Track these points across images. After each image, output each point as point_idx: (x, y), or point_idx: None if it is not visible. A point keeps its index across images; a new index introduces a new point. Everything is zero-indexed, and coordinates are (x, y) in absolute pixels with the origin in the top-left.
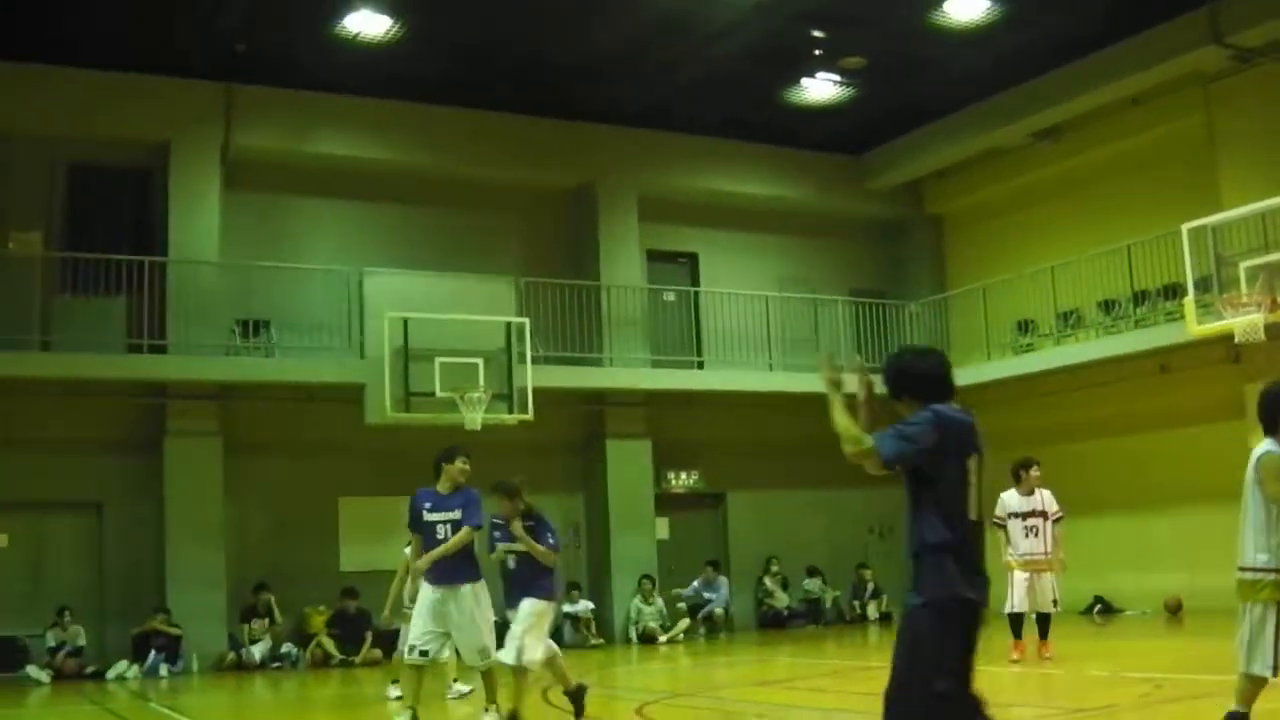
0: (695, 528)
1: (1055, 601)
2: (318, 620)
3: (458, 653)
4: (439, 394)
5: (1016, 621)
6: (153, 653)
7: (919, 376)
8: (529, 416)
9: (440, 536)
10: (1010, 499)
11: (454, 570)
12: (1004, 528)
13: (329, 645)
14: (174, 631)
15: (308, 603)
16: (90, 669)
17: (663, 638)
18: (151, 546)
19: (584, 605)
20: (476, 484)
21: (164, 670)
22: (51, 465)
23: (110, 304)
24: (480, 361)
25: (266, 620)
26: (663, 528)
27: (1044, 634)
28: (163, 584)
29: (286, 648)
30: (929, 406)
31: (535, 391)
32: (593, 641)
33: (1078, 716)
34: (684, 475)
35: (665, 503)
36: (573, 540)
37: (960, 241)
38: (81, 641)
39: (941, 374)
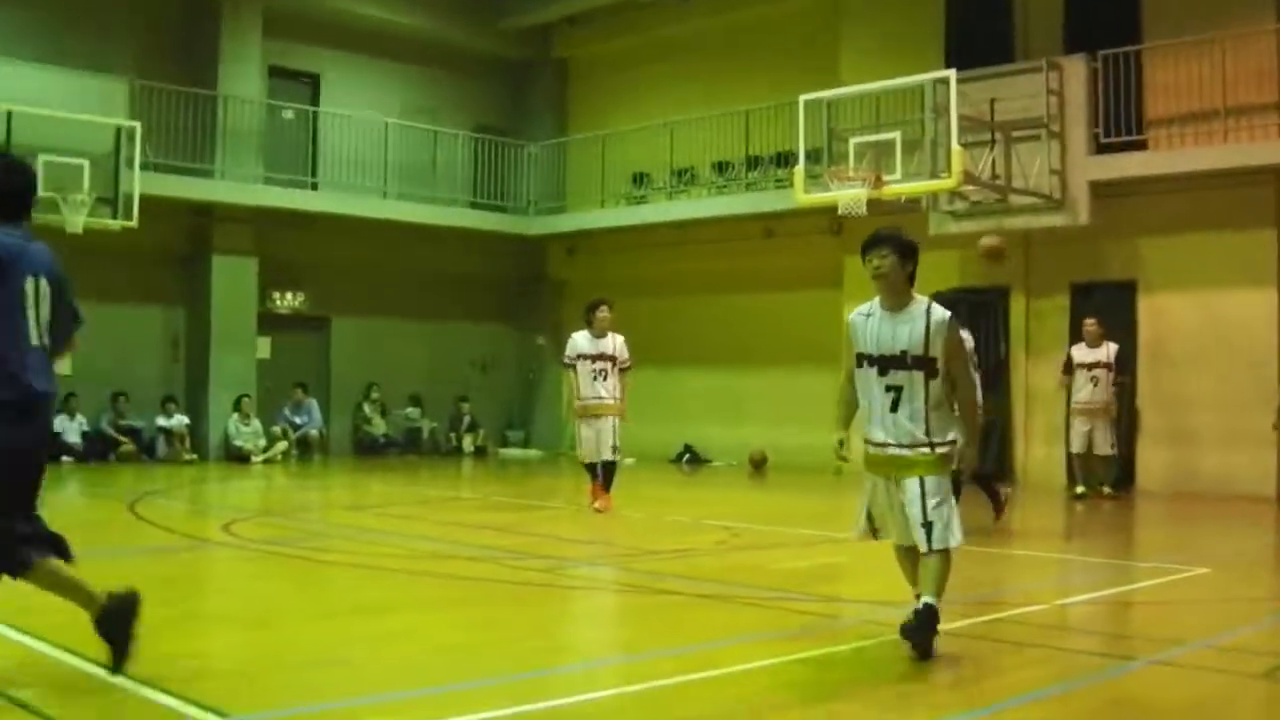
0: (298, 350)
1: (615, 449)
2: None
3: None
4: (41, 194)
5: (594, 469)
6: None
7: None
8: (133, 223)
9: None
10: (581, 340)
11: None
12: (574, 368)
13: None
14: None
15: None
16: None
17: (258, 458)
18: None
19: (179, 420)
20: (81, 293)
21: None
22: None
23: None
24: (86, 163)
25: None
26: (264, 347)
27: (606, 483)
28: None
29: None
30: None
31: (142, 199)
32: (186, 457)
33: (655, 558)
34: (290, 296)
35: (269, 322)
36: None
37: (585, 88)
38: None
39: (11, 191)
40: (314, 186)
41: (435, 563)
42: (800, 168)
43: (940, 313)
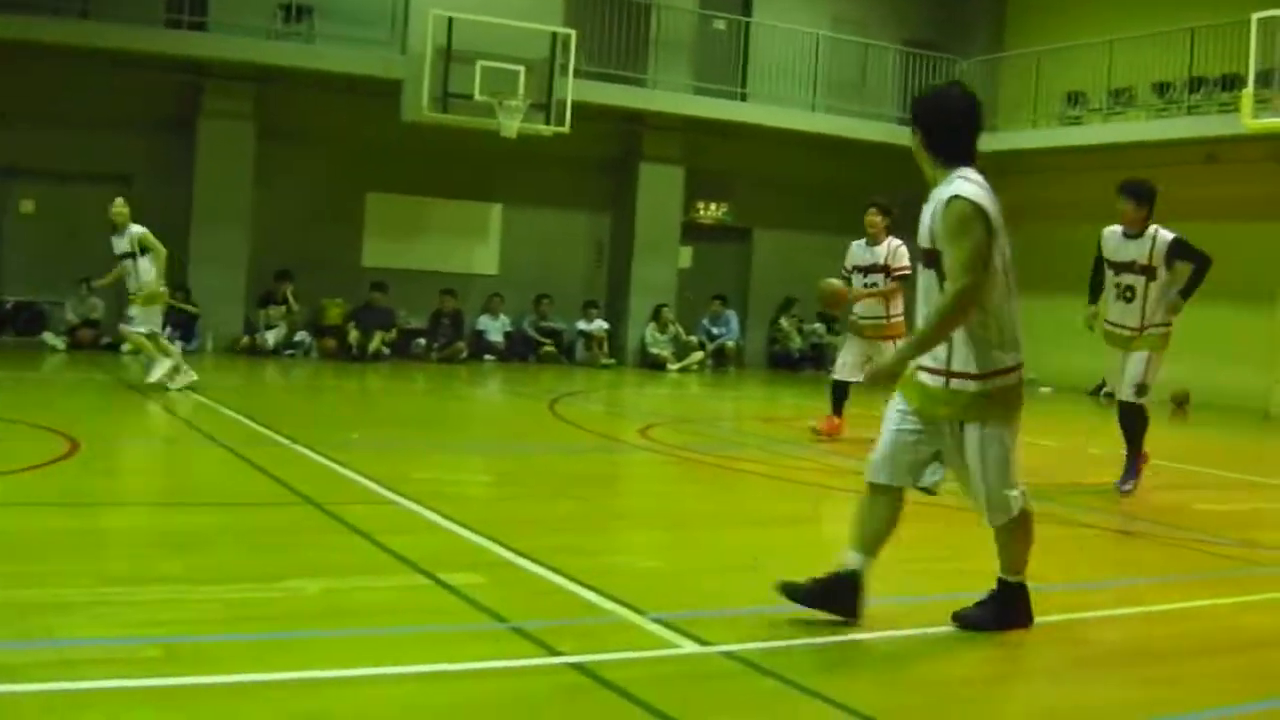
0: (718, 260)
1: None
2: (334, 312)
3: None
4: (477, 98)
5: (843, 391)
6: (168, 329)
7: None
8: (565, 129)
9: None
10: (855, 250)
11: None
12: (849, 279)
13: (353, 335)
14: (193, 310)
15: (325, 294)
16: (105, 340)
17: (673, 366)
18: (177, 224)
19: (599, 324)
20: (512, 197)
21: (179, 347)
22: (83, 137)
23: None
24: (522, 69)
25: (284, 307)
26: (686, 257)
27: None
28: (184, 263)
29: (300, 336)
30: None
31: (574, 105)
32: (604, 361)
33: (1072, 491)
34: (714, 206)
35: (691, 232)
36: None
37: (1021, 2)
38: (99, 314)
39: None
40: (743, 97)
41: (847, 479)
42: (1249, 90)
43: (949, 189)
